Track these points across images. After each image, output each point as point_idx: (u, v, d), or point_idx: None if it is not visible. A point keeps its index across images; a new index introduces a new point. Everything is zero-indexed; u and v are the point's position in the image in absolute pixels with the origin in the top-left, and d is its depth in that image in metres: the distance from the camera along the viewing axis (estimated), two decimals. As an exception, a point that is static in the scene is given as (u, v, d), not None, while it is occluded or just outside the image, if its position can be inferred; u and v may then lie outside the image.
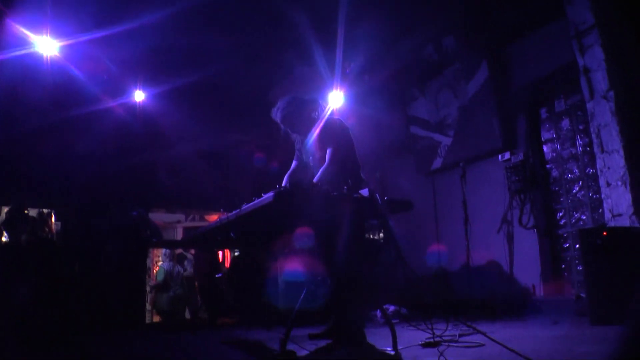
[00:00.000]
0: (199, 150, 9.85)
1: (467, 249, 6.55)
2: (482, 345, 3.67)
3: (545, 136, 7.27)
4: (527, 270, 6.93)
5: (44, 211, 8.85)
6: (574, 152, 6.87)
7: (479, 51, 7.84)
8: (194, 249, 9.43)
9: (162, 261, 9.97)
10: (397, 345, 3.50)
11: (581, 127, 6.73)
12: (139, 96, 9.07)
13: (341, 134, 3.89)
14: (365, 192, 3.26)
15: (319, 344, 3.80)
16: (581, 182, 6.74)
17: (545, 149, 7.24)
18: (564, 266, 6.81)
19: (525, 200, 7.16)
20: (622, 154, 5.51)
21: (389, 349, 3.49)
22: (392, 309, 6.18)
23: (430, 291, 6.49)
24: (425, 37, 8.48)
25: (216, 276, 7.06)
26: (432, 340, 3.84)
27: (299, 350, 3.72)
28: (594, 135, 5.84)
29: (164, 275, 9.36)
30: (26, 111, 7.88)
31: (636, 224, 5.31)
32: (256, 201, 3.11)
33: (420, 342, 3.85)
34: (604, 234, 4.84)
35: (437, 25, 8.11)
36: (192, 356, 4.31)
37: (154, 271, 10.64)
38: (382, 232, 7.02)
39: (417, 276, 5.91)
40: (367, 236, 7.03)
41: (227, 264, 9.91)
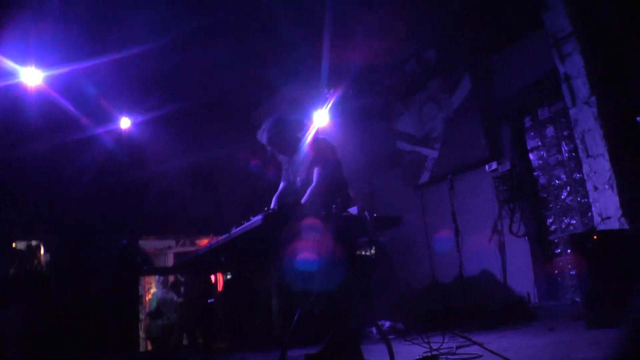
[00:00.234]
0: (187, 175, 9.81)
1: (459, 260, 6.56)
2: (479, 356, 3.65)
3: (530, 144, 7.33)
4: (521, 277, 6.94)
5: (33, 243, 8.75)
6: (560, 158, 6.92)
7: (461, 64, 7.93)
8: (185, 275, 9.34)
9: (155, 288, 9.87)
10: (395, 361, 3.48)
11: (565, 134, 6.79)
12: (125, 123, 9.02)
13: (327, 153, 3.90)
14: (354, 210, 3.25)
15: (315, 364, 3.76)
16: (569, 188, 6.79)
17: (531, 156, 7.29)
18: (556, 272, 6.82)
19: (514, 208, 7.18)
20: (607, 157, 5.58)
21: (386, 365, 3.47)
22: (387, 324, 6.15)
23: (424, 305, 6.46)
24: (407, 52, 8.55)
25: (208, 301, 7.00)
26: (429, 354, 3.82)
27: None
28: (578, 140, 5.90)
29: (156, 302, 9.27)
30: (11, 142, 7.82)
31: (625, 226, 5.35)
32: (245, 224, 3.10)
33: (417, 357, 3.84)
34: (595, 237, 4.85)
35: (418, 39, 8.19)
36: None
37: (147, 298, 10.53)
38: (374, 248, 7.01)
39: (410, 290, 5.90)
40: (359, 253, 7.02)
41: (220, 288, 9.83)
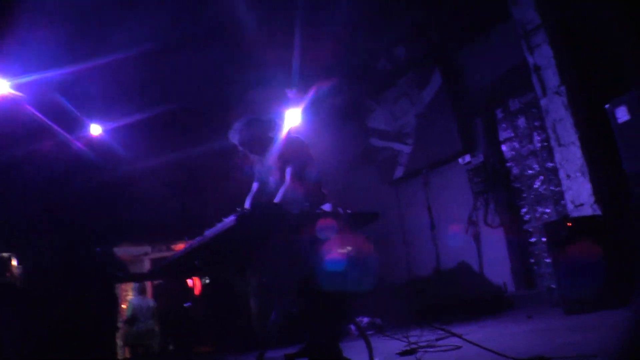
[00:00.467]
0: (162, 180, 9.69)
1: (435, 253, 6.59)
2: (459, 347, 3.67)
3: (503, 136, 7.39)
4: (497, 267, 7.01)
5: (4, 255, 8.55)
6: (532, 148, 6.99)
7: (431, 59, 7.97)
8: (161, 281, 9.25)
9: (132, 296, 9.74)
10: (374, 357, 3.46)
11: (537, 124, 6.86)
12: (95, 130, 8.84)
13: (300, 152, 3.87)
14: (327, 207, 3.23)
15: (296, 363, 3.74)
16: (542, 177, 6.86)
17: (504, 148, 7.36)
18: (532, 260, 6.90)
19: (488, 200, 7.25)
20: (578, 145, 5.66)
21: (366, 361, 3.46)
22: (366, 320, 6.16)
23: (402, 299, 6.48)
24: (376, 50, 8.58)
25: (185, 305, 6.93)
26: (408, 348, 3.82)
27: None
28: (550, 130, 5.98)
29: (132, 309, 9.15)
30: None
31: (598, 212, 5.44)
32: (218, 226, 3.06)
33: (397, 352, 3.84)
34: (568, 224, 4.91)
35: (387, 36, 8.21)
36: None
37: (124, 306, 10.39)
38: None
39: (388, 285, 5.90)
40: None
41: (197, 292, 9.75)
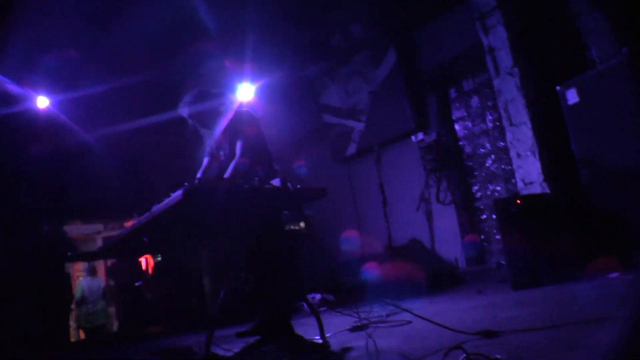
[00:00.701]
0: (113, 156, 9.43)
1: (387, 230, 6.65)
2: (409, 322, 3.71)
3: (456, 115, 7.48)
4: (449, 244, 7.14)
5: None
6: (484, 127, 7.11)
7: (387, 37, 7.95)
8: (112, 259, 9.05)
9: (82, 276, 9.52)
10: (325, 332, 3.47)
11: (490, 104, 6.97)
12: (42, 102, 8.46)
13: (250, 126, 3.80)
14: (277, 182, 3.19)
15: (247, 341, 3.72)
16: (493, 156, 6.99)
17: (457, 126, 7.45)
18: (483, 237, 7.06)
19: (441, 177, 7.35)
20: (529, 125, 5.80)
21: (317, 337, 3.46)
22: (318, 297, 6.19)
23: (354, 275, 6.53)
24: (332, 26, 8.51)
25: (136, 284, 6.80)
26: (359, 324, 3.85)
27: (229, 349, 3.64)
28: (502, 110, 6.09)
29: (80, 291, 8.95)
30: None
31: (547, 190, 5.59)
32: (166, 201, 2.98)
33: (348, 327, 3.85)
34: (518, 202, 5.01)
35: (344, 14, 8.15)
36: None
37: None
38: (302, 222, 7.01)
39: (338, 262, 5.93)
40: (287, 227, 6.99)
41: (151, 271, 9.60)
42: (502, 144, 6.71)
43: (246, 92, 8.59)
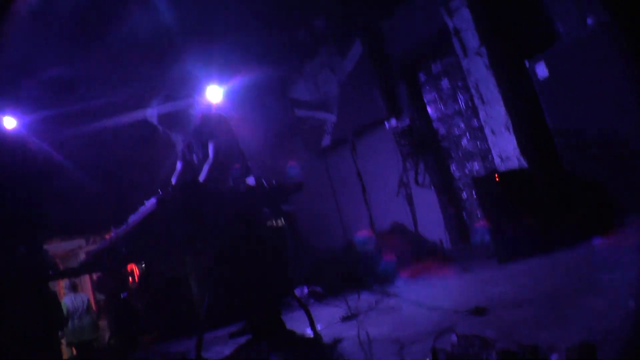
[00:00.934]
0: (91, 170, 9.28)
1: (369, 217, 6.64)
2: (399, 307, 3.71)
3: (427, 98, 7.48)
4: (432, 225, 7.15)
5: None
6: (457, 108, 7.11)
7: (352, 29, 7.94)
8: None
9: (65, 294, 9.37)
10: (316, 325, 3.45)
11: (460, 84, 6.97)
12: (10, 123, 8.24)
13: (221, 127, 3.76)
14: (251, 180, 3.16)
15: (239, 341, 3.70)
16: (468, 135, 7.01)
17: (429, 109, 7.45)
18: (465, 215, 7.09)
19: (418, 161, 7.35)
20: (502, 102, 5.84)
21: (309, 330, 3.44)
22: (307, 290, 6.16)
23: (342, 266, 6.52)
24: (296, 21, 8.45)
25: (122, 296, 6.70)
26: (349, 313, 3.84)
27: (221, 351, 3.62)
28: (473, 89, 6.12)
29: (65, 309, 8.81)
30: None
31: (524, 164, 5.63)
32: (141, 210, 2.93)
33: (339, 318, 3.84)
34: (496, 178, 5.04)
35: (308, 8, 8.10)
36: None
37: (62, 305, 9.99)
38: (282, 218, 6.98)
39: (326, 253, 5.91)
40: (269, 223, 6.95)
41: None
42: (477, 122, 6.73)
43: (215, 94, 8.49)
